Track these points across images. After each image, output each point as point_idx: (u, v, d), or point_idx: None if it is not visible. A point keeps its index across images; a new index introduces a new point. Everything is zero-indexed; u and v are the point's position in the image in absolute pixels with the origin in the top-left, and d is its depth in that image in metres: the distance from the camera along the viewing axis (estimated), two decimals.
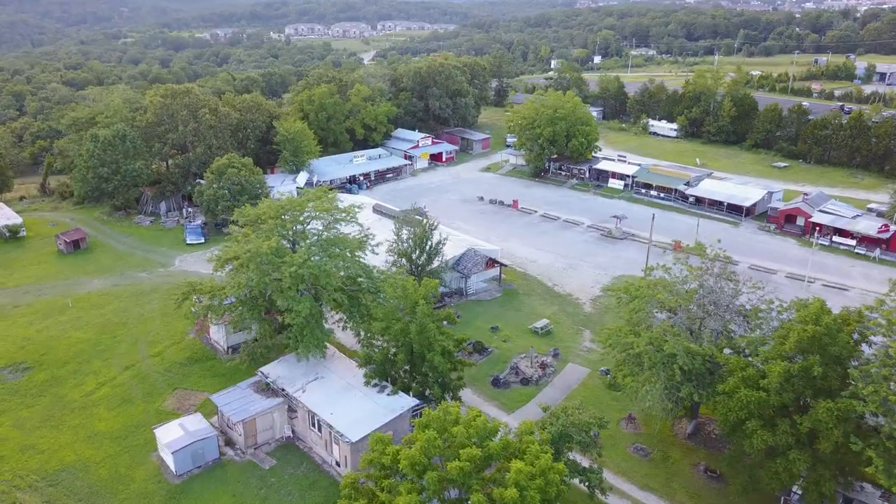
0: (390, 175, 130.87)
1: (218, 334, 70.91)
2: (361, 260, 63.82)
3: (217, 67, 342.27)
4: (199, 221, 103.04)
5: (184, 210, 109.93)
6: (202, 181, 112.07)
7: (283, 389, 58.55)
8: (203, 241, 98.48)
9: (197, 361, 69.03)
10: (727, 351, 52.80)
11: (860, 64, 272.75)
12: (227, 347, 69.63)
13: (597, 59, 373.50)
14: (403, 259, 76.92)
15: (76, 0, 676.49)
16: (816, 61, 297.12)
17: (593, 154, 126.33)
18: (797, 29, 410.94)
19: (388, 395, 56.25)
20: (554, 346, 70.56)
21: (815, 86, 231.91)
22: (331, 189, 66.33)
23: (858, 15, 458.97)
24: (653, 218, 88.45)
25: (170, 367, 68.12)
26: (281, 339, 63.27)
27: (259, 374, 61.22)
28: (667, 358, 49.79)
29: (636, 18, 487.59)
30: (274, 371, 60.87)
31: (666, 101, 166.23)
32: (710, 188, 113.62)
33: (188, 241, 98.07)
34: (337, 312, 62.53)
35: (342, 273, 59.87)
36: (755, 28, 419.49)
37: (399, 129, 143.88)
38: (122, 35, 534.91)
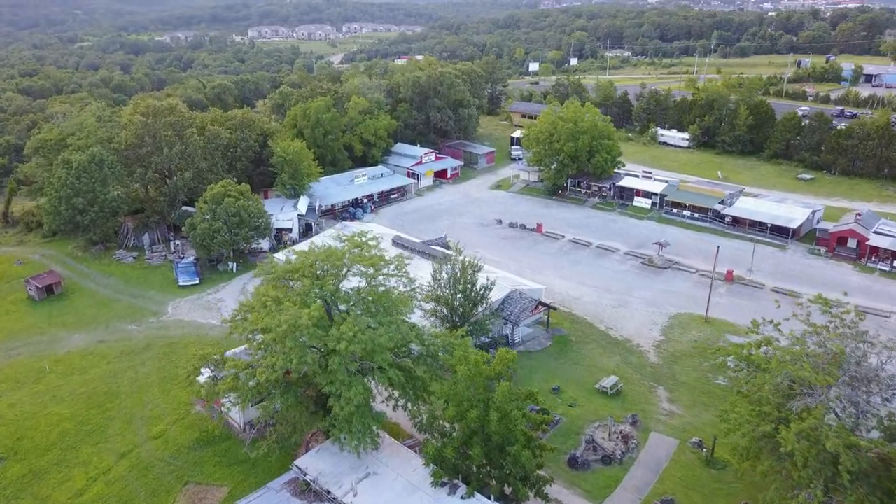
0: (395, 196, 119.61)
1: (229, 398, 58.99)
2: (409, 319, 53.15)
3: (182, 72, 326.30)
4: (190, 258, 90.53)
5: (171, 243, 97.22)
6: (190, 208, 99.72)
7: (328, 492, 47.19)
8: (197, 281, 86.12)
9: (209, 444, 57.24)
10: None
11: (846, 65, 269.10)
12: (245, 424, 57.99)
13: (573, 61, 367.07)
14: (443, 307, 66.30)
15: (28, 3, 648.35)
16: (800, 63, 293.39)
17: (615, 170, 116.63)
18: (770, 29, 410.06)
19: (462, 497, 45.53)
20: (632, 412, 60.35)
21: (809, 89, 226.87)
22: (369, 237, 54.94)
23: (826, 15, 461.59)
24: (717, 251, 78.73)
25: (176, 453, 56.26)
26: (316, 420, 51.98)
27: (295, 469, 49.79)
28: (829, 457, 39.86)
29: (608, 20, 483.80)
30: (314, 465, 49.47)
31: (674, 109, 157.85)
32: (748, 207, 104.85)
33: (180, 283, 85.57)
34: (387, 389, 51.45)
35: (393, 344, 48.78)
36: (728, 29, 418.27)
37: (399, 144, 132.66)
38: (78, 39, 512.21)
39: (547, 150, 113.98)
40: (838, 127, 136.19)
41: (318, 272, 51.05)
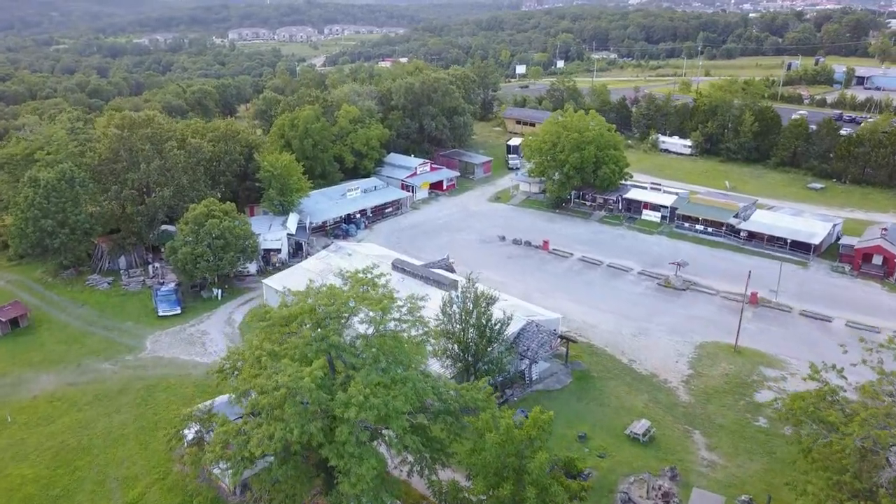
0: (389, 210, 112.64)
1: (219, 466, 51.96)
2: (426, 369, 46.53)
3: (161, 76, 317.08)
4: (171, 284, 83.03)
5: (150, 266, 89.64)
6: (170, 227, 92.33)
7: None
8: (179, 310, 78.58)
9: None
10: None
11: (838, 67, 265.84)
12: (235, 487, 50.91)
13: (559, 63, 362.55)
14: (454, 344, 59.62)
15: (2, 4, 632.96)
16: (790, 66, 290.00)
17: (622, 182, 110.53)
18: (755, 31, 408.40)
19: None
20: (669, 464, 53.96)
21: (804, 92, 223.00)
22: (375, 272, 48.08)
23: (809, 16, 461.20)
24: (748, 276, 72.65)
25: None
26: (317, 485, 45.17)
27: None
28: None
29: (593, 21, 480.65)
30: None
31: (676, 115, 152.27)
32: (765, 221, 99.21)
33: (160, 313, 78.01)
34: (400, 454, 44.65)
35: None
36: (713, 30, 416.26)
37: (392, 154, 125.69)
38: (53, 41, 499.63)
39: (550, 161, 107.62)
40: (845, 133, 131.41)
41: (320, 318, 44.17)
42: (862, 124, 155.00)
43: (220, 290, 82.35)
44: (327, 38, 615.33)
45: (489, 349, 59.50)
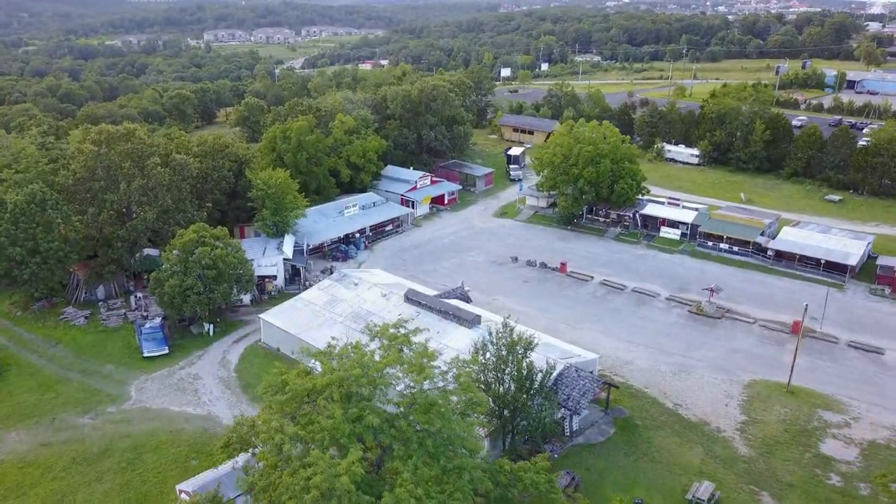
0: (389, 228, 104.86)
1: None
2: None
3: (135, 79, 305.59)
4: (156, 318, 74.52)
5: (132, 297, 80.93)
6: (152, 251, 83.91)
7: None
8: (166, 349, 70.11)
9: None
10: None
11: (829, 71, 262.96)
12: None
13: (544, 66, 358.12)
14: (489, 398, 52.15)
15: None
16: (778, 70, 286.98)
17: (638, 197, 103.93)
18: (737, 33, 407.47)
19: None
20: None
21: (799, 96, 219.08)
22: (410, 327, 40.58)
23: (790, 18, 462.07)
24: (805, 309, 66.03)
25: None
26: None
27: None
28: None
29: (574, 24, 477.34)
30: None
31: (681, 122, 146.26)
32: (794, 239, 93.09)
33: (145, 353, 69.46)
34: None
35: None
36: (696, 32, 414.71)
37: (389, 167, 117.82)
38: (23, 42, 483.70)
39: (562, 174, 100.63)
40: (862, 143, 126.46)
41: (351, 391, 36.56)
42: (864, 130, 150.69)
43: (211, 325, 74.02)
44: (305, 40, 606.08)
45: (529, 402, 52.25)
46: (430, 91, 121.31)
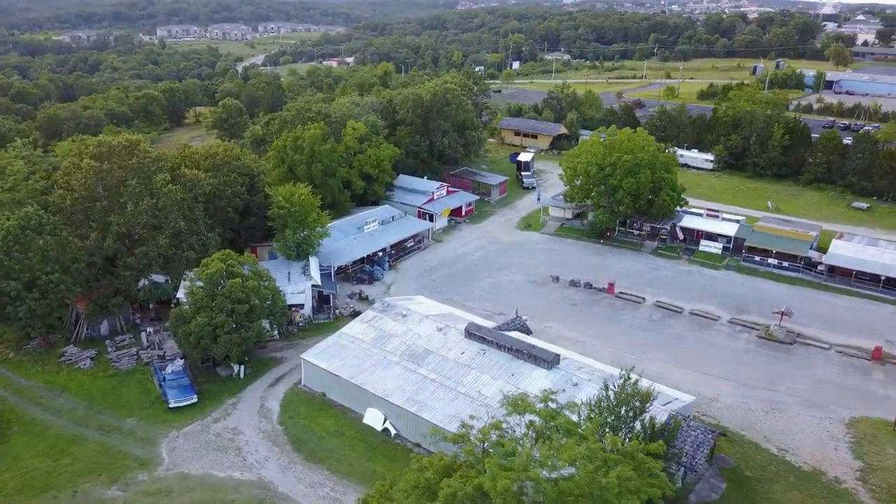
0: (410, 244, 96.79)
1: None
2: None
3: (90, 77, 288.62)
4: (178, 361, 65.08)
5: (143, 334, 71.16)
6: (158, 277, 74.39)
7: None
8: (195, 397, 60.94)
9: None
10: None
11: (808, 72, 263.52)
12: None
13: (514, 64, 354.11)
14: None
15: None
16: (755, 69, 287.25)
17: (677, 208, 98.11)
18: (704, 33, 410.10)
19: None
20: None
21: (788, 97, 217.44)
22: (557, 395, 33.17)
23: (752, 17, 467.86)
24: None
25: None
26: None
27: None
28: None
29: (539, 22, 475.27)
30: None
31: (692, 126, 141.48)
32: (845, 253, 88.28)
33: (171, 404, 60.17)
34: None
35: None
36: (664, 32, 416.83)
37: (402, 177, 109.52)
38: None
39: (599, 186, 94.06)
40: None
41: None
42: (859, 132, 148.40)
43: (242, 367, 64.98)
44: (263, 37, 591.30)
45: None
46: (442, 95, 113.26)
